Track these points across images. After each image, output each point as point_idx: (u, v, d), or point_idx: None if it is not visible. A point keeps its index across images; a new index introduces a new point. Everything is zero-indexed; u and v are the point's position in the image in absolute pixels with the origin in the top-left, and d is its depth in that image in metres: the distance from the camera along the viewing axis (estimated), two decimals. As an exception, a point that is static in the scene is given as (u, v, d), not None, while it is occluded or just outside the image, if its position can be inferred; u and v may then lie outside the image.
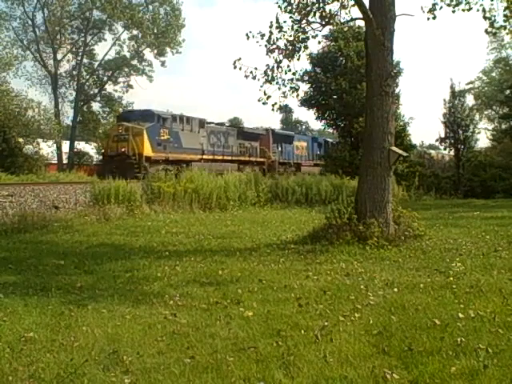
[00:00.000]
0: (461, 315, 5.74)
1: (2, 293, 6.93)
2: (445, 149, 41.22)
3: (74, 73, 53.96)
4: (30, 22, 52.10)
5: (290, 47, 12.53)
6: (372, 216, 11.22)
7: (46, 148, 37.72)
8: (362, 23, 15.02)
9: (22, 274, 8.44)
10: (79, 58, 55.04)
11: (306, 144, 44.02)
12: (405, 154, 13.10)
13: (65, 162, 45.52)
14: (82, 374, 4.35)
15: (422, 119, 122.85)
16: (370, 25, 11.74)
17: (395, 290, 7.17)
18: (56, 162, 43.80)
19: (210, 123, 34.32)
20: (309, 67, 36.83)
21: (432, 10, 12.16)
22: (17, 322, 5.81)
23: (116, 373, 4.38)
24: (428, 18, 12.15)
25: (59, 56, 53.69)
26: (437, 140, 40.55)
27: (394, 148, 11.79)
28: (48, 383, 4.24)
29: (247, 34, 12.32)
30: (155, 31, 53.02)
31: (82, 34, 54.65)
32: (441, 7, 12.07)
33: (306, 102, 36.95)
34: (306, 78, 36.29)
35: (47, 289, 7.28)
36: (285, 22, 12.40)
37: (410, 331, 5.35)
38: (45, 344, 5.07)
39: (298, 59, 12.79)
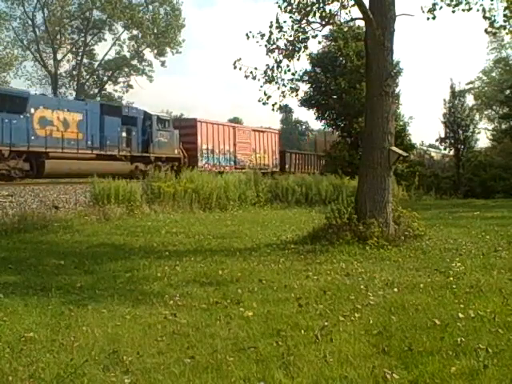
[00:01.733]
0: (461, 315, 5.74)
1: (2, 293, 6.93)
2: (445, 149, 41.24)
3: (74, 73, 54.11)
4: (30, 22, 52.20)
5: (290, 47, 12.53)
6: (372, 216, 11.22)
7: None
8: (362, 23, 15.02)
9: (22, 274, 8.43)
10: (79, 58, 55.16)
11: (81, 117, 23.33)
12: (405, 153, 13.09)
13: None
14: (82, 373, 4.35)
15: (422, 119, 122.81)
16: (369, 25, 11.74)
17: (395, 289, 7.16)
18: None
19: None
20: (309, 67, 36.85)
21: (432, 10, 12.14)
22: (17, 321, 5.81)
23: (116, 373, 4.38)
24: (428, 18, 12.15)
25: (59, 56, 53.85)
26: (437, 140, 40.60)
27: (394, 148, 11.79)
28: (48, 383, 4.24)
29: (247, 34, 12.33)
30: (155, 31, 53.09)
31: (82, 34, 54.75)
32: (441, 7, 12.06)
33: (306, 102, 36.92)
34: (306, 78, 36.27)
35: (47, 289, 7.27)
36: (285, 21, 12.41)
37: (410, 331, 5.35)
38: (45, 344, 5.07)
39: (298, 59, 12.79)
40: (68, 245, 11.74)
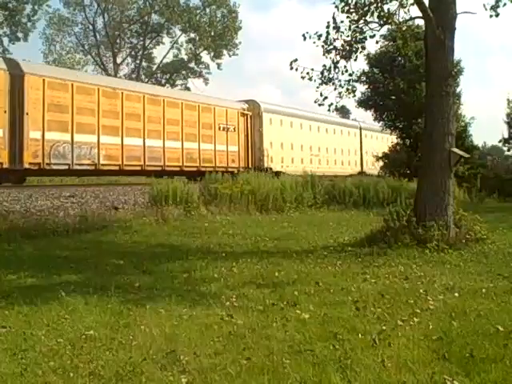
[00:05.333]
0: (526, 322, 5.55)
1: (63, 291, 7.10)
2: (508, 150, 40.07)
3: (133, 76, 55.19)
4: (90, 27, 53.67)
5: (347, 47, 12.43)
6: (432, 219, 10.98)
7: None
8: (421, 22, 14.74)
9: (83, 273, 8.63)
10: (138, 62, 56.33)
11: None
12: (466, 155, 12.79)
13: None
14: (140, 372, 4.41)
15: (485, 120, 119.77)
16: (429, 24, 11.52)
17: (456, 294, 6.99)
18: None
19: None
20: (366, 68, 36.44)
21: (495, 7, 11.80)
22: (77, 319, 5.94)
23: (173, 372, 4.43)
24: (491, 16, 11.80)
25: (119, 60, 55.22)
26: (500, 141, 39.47)
27: (454, 149, 11.53)
28: (107, 380, 4.31)
29: (304, 35, 12.30)
30: (212, 34, 53.59)
31: (141, 38, 55.92)
32: (504, 4, 11.71)
33: (364, 103, 36.54)
34: (364, 78, 35.85)
35: (107, 288, 7.40)
36: (342, 22, 12.32)
37: (472, 337, 5.20)
38: (104, 342, 5.17)
39: (356, 60, 12.70)
40: (127, 245, 11.97)
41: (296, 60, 12.28)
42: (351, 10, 12.21)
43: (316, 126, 38.99)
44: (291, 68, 12.28)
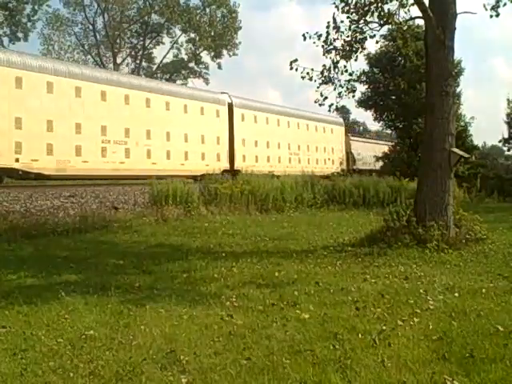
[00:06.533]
0: (526, 322, 5.55)
1: (63, 291, 7.10)
2: (508, 150, 40.08)
3: (134, 76, 55.08)
4: (90, 27, 53.66)
5: (347, 47, 12.42)
6: (432, 219, 10.98)
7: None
8: (421, 22, 14.72)
9: (83, 273, 8.63)
10: (138, 62, 56.29)
11: None
12: (466, 155, 12.79)
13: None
14: (140, 372, 4.41)
15: (485, 120, 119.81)
16: (429, 24, 11.52)
17: (456, 294, 6.99)
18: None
19: None
20: (366, 67, 36.44)
21: (495, 7, 11.80)
22: (77, 319, 5.94)
23: (173, 372, 4.43)
24: (491, 16, 11.80)
25: (119, 60, 55.18)
26: (500, 141, 39.46)
27: (454, 149, 11.52)
28: (107, 380, 4.31)
29: (304, 35, 12.28)
30: (212, 34, 53.60)
31: (141, 38, 55.88)
32: (504, 4, 11.71)
33: (364, 103, 36.57)
34: (364, 78, 35.86)
35: (107, 288, 7.41)
36: (342, 22, 12.31)
37: (472, 337, 5.19)
38: (104, 342, 5.17)
39: (356, 60, 12.69)
40: (127, 245, 11.97)
41: (296, 60, 12.26)
42: (351, 10, 12.19)
43: (121, 93, 24.21)
44: (291, 68, 12.27)
